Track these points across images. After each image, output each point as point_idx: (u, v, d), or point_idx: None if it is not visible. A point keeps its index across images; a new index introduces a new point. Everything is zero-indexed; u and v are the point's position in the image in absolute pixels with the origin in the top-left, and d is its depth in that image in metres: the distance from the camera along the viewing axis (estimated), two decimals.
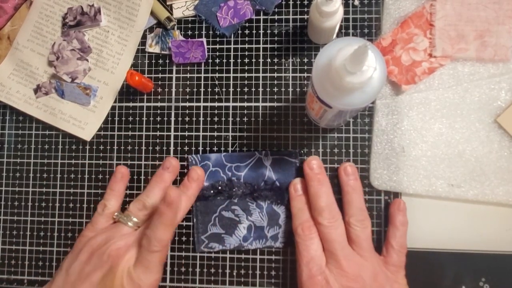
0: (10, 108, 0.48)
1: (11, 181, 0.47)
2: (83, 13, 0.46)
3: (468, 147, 0.42)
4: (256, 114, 0.45)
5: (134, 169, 0.45)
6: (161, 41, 0.46)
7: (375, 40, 0.44)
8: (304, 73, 0.45)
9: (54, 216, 0.46)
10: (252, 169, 0.43)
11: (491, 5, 0.42)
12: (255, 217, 0.42)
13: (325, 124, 0.41)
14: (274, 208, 0.42)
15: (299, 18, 0.45)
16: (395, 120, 0.43)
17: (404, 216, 0.40)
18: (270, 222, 0.42)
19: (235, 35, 0.46)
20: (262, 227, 0.42)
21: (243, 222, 0.42)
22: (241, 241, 0.42)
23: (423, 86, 0.42)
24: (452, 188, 0.41)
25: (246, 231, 0.42)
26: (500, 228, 0.41)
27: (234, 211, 0.42)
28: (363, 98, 0.31)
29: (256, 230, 0.42)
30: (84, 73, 0.46)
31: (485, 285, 0.41)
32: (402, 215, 0.40)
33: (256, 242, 0.42)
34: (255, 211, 0.42)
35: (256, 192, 0.42)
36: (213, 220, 0.43)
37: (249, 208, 0.42)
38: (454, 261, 0.41)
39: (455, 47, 0.42)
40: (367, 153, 0.43)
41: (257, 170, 0.43)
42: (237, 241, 0.42)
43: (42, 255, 0.46)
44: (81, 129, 0.46)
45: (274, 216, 0.42)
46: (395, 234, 0.39)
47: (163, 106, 0.46)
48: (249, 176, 0.43)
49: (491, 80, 0.42)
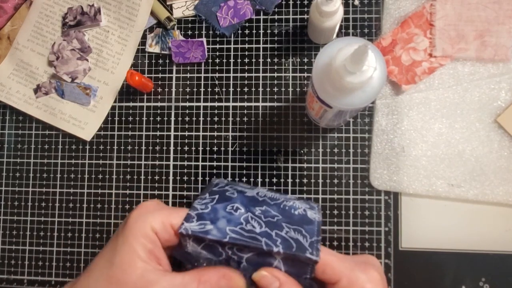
0: (10, 108, 0.48)
1: (11, 181, 0.47)
2: (83, 13, 0.46)
3: (468, 147, 0.42)
4: (256, 114, 0.45)
5: (134, 169, 0.45)
6: (161, 41, 0.46)
7: (375, 40, 0.44)
8: (304, 73, 0.45)
9: (54, 216, 0.46)
10: (259, 255, 0.33)
11: (491, 5, 0.42)
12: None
13: (325, 124, 0.41)
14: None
15: (299, 18, 0.45)
16: (395, 120, 0.43)
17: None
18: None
19: (235, 35, 0.46)
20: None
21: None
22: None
23: (423, 86, 0.42)
24: (452, 188, 0.41)
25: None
26: (500, 228, 0.41)
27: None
28: (363, 98, 0.31)
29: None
30: (84, 73, 0.46)
31: (485, 285, 0.41)
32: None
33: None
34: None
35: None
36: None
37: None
38: (454, 261, 0.41)
39: (455, 47, 0.42)
40: (367, 153, 0.43)
41: (265, 258, 0.33)
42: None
43: (42, 255, 0.46)
44: (81, 129, 0.46)
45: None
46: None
47: (163, 106, 0.46)
48: (254, 261, 0.33)
49: (491, 80, 0.42)
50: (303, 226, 0.35)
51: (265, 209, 0.37)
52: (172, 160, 0.45)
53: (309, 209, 0.38)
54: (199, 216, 0.34)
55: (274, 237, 0.33)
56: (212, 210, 0.35)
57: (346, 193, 0.43)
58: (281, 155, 0.44)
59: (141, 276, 0.30)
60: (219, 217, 0.35)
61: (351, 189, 0.43)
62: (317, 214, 0.38)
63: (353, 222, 0.43)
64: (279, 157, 0.44)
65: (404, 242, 0.42)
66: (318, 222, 0.36)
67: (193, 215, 0.34)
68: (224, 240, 0.32)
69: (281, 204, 0.38)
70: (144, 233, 0.32)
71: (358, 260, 0.33)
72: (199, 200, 0.37)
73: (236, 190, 0.39)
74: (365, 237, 0.42)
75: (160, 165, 0.45)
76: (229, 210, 0.35)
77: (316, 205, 0.40)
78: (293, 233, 0.34)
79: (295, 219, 0.36)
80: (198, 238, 0.33)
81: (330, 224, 0.43)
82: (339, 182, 0.43)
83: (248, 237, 0.33)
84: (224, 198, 0.37)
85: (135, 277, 0.30)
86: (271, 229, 0.34)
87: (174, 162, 0.45)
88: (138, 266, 0.31)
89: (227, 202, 0.36)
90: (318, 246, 0.33)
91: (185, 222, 0.33)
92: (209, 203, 0.36)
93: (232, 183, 0.42)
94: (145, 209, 0.33)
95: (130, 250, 0.31)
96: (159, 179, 0.45)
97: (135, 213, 0.33)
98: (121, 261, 0.31)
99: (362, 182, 0.43)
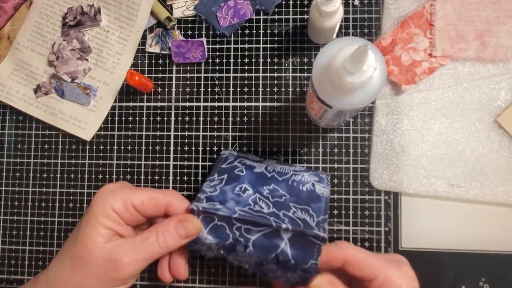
0: (10, 108, 0.48)
1: (11, 181, 0.47)
2: (83, 13, 0.46)
3: (468, 147, 0.42)
4: (256, 114, 0.45)
5: (134, 169, 0.45)
6: (161, 41, 0.46)
7: (375, 40, 0.44)
8: (304, 73, 0.45)
9: (54, 216, 0.46)
10: (266, 236, 0.33)
11: (491, 5, 0.42)
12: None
13: (325, 124, 0.41)
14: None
15: (299, 18, 0.45)
16: (395, 120, 0.43)
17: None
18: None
19: (235, 35, 0.46)
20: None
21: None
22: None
23: (423, 86, 0.42)
24: (452, 188, 0.41)
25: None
26: (500, 228, 0.41)
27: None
28: (363, 98, 0.31)
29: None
30: (84, 73, 0.46)
31: (485, 285, 0.41)
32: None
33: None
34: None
35: (263, 266, 0.34)
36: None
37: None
38: (454, 261, 0.41)
39: (455, 47, 0.42)
40: (367, 153, 0.43)
41: (271, 239, 0.33)
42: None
43: (42, 255, 0.46)
44: (81, 129, 0.46)
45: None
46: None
47: (163, 106, 0.46)
48: (260, 243, 0.33)
49: (491, 80, 0.42)
50: (310, 204, 0.36)
51: (273, 187, 0.37)
52: (172, 160, 0.45)
53: (317, 182, 0.39)
54: (208, 198, 0.36)
55: (282, 217, 0.34)
56: (221, 193, 0.36)
57: (346, 193, 0.43)
58: (281, 155, 0.44)
59: (102, 247, 0.33)
60: (227, 199, 0.36)
61: (351, 189, 0.43)
62: (326, 187, 0.38)
63: (353, 222, 0.43)
64: (279, 157, 0.44)
65: (404, 242, 0.42)
66: (326, 198, 0.37)
67: (202, 197, 0.36)
68: (234, 216, 0.33)
69: (289, 180, 0.38)
70: (104, 212, 0.34)
71: (390, 258, 0.34)
72: (208, 182, 0.38)
73: (245, 165, 0.39)
74: (365, 237, 0.42)
75: (160, 165, 0.45)
76: (238, 192, 0.36)
77: (325, 176, 0.40)
78: (300, 213, 0.35)
79: (303, 197, 0.37)
80: (207, 217, 0.34)
81: (330, 224, 0.43)
82: (339, 182, 0.43)
83: (257, 216, 0.34)
84: (232, 177, 0.38)
85: (97, 249, 0.33)
86: (278, 209, 0.35)
87: (174, 162, 0.45)
88: (98, 241, 0.33)
89: (236, 183, 0.37)
90: (325, 226, 0.34)
91: (195, 201, 0.35)
92: (217, 185, 0.37)
93: (242, 156, 0.42)
94: (106, 190, 0.35)
95: (91, 228, 0.33)
96: (159, 179, 0.45)
97: (97, 195, 0.35)
98: (82, 239, 0.33)
99: (362, 182, 0.43)
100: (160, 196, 0.36)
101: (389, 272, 0.32)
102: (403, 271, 0.32)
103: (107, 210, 0.34)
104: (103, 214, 0.34)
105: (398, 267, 0.32)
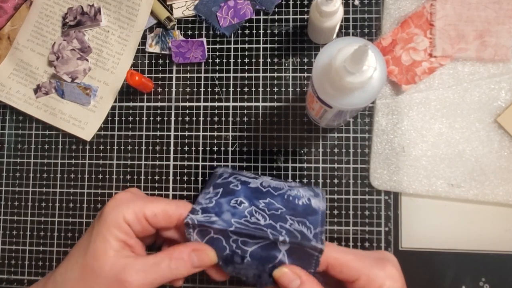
0: (10, 108, 0.48)
1: (11, 181, 0.47)
2: (83, 13, 0.46)
3: (468, 147, 0.42)
4: (256, 114, 0.45)
5: (134, 169, 0.45)
6: (161, 41, 0.46)
7: (375, 40, 0.44)
8: (304, 73, 0.45)
9: (54, 216, 0.46)
10: (263, 248, 0.33)
11: (491, 5, 0.42)
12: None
13: (325, 124, 0.41)
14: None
15: (299, 18, 0.45)
16: (395, 120, 0.43)
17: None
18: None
19: (235, 35, 0.46)
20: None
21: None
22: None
23: (423, 86, 0.42)
24: (452, 188, 0.41)
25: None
26: (500, 228, 0.41)
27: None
28: (363, 98, 0.31)
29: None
30: (84, 73, 0.46)
31: (485, 285, 0.41)
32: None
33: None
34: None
35: (261, 278, 0.33)
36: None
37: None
38: (454, 261, 0.41)
39: (455, 47, 0.42)
40: (367, 153, 0.43)
41: (269, 251, 0.33)
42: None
43: (42, 255, 0.46)
44: (81, 129, 0.46)
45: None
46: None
47: (163, 106, 0.46)
48: (257, 255, 0.33)
49: (491, 80, 0.42)
50: (307, 217, 0.35)
51: (269, 201, 0.37)
52: (172, 160, 0.45)
53: (313, 197, 0.38)
54: (204, 210, 0.35)
55: (279, 229, 0.33)
56: (216, 204, 0.35)
57: (346, 193, 0.43)
58: (281, 155, 0.44)
59: (113, 263, 0.32)
60: (223, 210, 0.35)
61: (351, 189, 0.43)
62: (322, 202, 0.38)
63: (353, 222, 0.43)
64: (279, 157, 0.44)
65: (404, 242, 0.42)
66: (322, 212, 0.36)
67: (197, 209, 0.35)
68: (230, 229, 0.33)
69: (285, 194, 0.38)
70: (117, 224, 0.33)
71: (375, 257, 0.33)
72: (203, 195, 0.37)
73: (240, 181, 0.39)
74: (365, 237, 0.42)
75: (160, 165, 0.45)
76: (233, 204, 0.36)
77: (321, 191, 0.39)
78: (297, 225, 0.34)
79: (299, 210, 0.36)
80: (203, 230, 0.33)
81: (330, 224, 0.43)
82: (339, 182, 0.43)
83: (254, 228, 0.33)
84: (227, 191, 0.37)
85: (108, 265, 0.32)
86: (275, 221, 0.34)
87: (174, 162, 0.45)
88: (110, 255, 0.32)
89: (231, 196, 0.37)
90: (322, 237, 0.33)
91: (190, 214, 0.34)
92: (213, 198, 0.36)
93: (236, 172, 0.42)
94: (119, 200, 0.34)
95: (103, 240, 0.32)
96: (159, 179, 0.45)
97: (109, 204, 0.34)
98: (94, 250, 0.32)
99: (362, 182, 0.43)
100: (172, 208, 0.35)
101: (372, 273, 0.31)
102: (387, 271, 0.32)
103: (119, 222, 0.33)
104: (115, 226, 0.33)
105: (383, 267, 0.32)
